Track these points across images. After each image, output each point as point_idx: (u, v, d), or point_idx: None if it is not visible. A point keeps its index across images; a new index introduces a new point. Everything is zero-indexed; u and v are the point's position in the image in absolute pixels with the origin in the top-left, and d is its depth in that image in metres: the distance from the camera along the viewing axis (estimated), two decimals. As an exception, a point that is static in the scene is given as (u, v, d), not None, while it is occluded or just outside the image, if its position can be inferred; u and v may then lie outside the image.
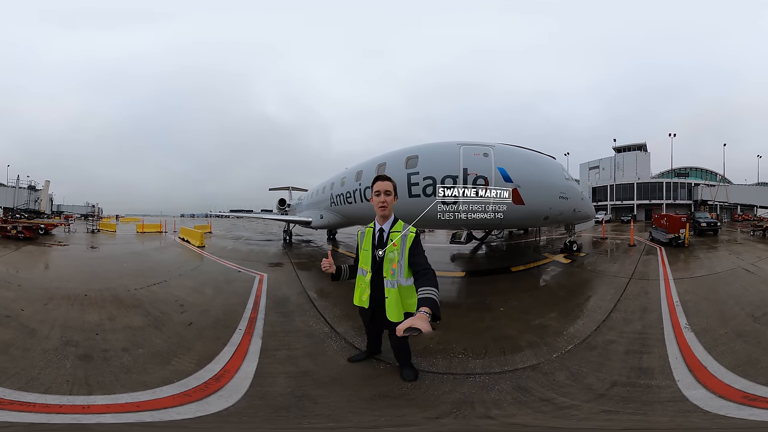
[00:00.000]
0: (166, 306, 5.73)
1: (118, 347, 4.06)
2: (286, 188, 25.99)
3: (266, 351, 4.07)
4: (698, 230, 19.94)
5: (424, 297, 2.72)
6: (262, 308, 5.70)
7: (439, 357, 3.90)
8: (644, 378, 3.43)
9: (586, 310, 5.70)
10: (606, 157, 63.20)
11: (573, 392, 3.20)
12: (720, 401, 2.98)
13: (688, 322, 4.86)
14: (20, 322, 4.75)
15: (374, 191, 3.30)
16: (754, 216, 37.61)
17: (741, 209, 47.52)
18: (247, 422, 2.79)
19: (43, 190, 33.66)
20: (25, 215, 27.09)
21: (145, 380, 3.32)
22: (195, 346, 4.16)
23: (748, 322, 4.91)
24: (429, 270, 3.04)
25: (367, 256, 3.34)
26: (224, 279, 8.24)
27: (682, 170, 60.44)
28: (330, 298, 6.40)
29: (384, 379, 3.45)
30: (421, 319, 2.42)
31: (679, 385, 3.26)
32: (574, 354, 4.02)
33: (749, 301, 5.88)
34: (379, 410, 2.94)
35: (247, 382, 3.34)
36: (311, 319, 5.25)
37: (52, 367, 3.52)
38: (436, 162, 8.56)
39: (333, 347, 4.22)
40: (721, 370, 3.51)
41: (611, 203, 56.96)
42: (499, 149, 8.60)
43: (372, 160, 10.83)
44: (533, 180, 8.71)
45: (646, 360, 3.82)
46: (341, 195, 12.10)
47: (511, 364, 3.78)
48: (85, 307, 5.55)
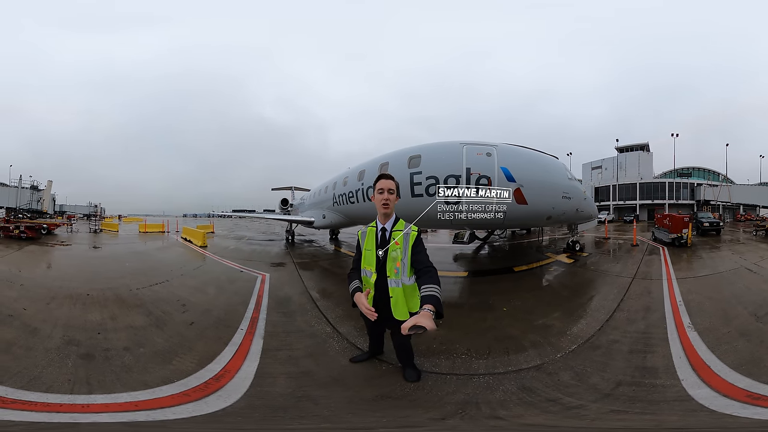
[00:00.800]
0: (168, 305, 5.72)
1: (119, 346, 4.05)
2: (288, 188, 26.00)
3: (267, 351, 4.06)
4: (701, 230, 19.87)
5: (427, 294, 2.71)
6: (264, 308, 5.69)
7: (442, 357, 3.88)
8: (649, 377, 3.41)
9: (590, 310, 5.67)
10: (609, 157, 63.04)
11: (579, 392, 3.18)
12: (724, 400, 2.97)
13: (692, 322, 4.84)
14: (23, 322, 4.75)
15: (377, 189, 3.29)
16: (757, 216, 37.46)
17: (744, 209, 47.35)
18: (243, 422, 2.77)
19: (46, 190, 33.75)
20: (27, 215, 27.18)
21: (145, 380, 3.31)
22: (196, 346, 4.15)
23: (751, 321, 4.89)
24: (431, 268, 3.03)
25: (372, 256, 3.32)
26: (226, 279, 8.23)
27: (684, 170, 60.25)
28: (332, 298, 6.40)
29: (386, 379, 3.43)
30: (426, 317, 2.41)
31: (684, 385, 3.24)
32: (578, 354, 3.99)
33: (752, 300, 5.85)
34: (381, 411, 2.92)
35: (248, 383, 3.33)
36: (313, 319, 5.24)
37: (54, 366, 3.52)
38: (439, 161, 8.54)
39: (335, 347, 4.21)
40: (725, 369, 3.49)
41: (614, 203, 56.80)
42: (502, 149, 8.57)
43: (374, 160, 10.82)
44: (536, 180, 8.68)
45: (650, 359, 3.80)
46: (344, 195, 12.09)
47: (515, 364, 3.75)
48: (87, 307, 5.55)
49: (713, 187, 47.88)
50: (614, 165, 61.10)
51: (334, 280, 8.40)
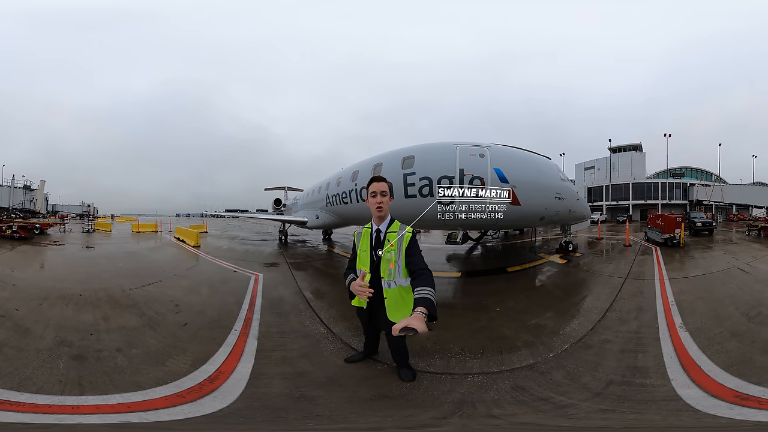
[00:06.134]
0: (161, 306, 5.70)
1: (112, 347, 4.03)
2: (281, 188, 25.94)
3: (262, 352, 4.05)
4: (693, 230, 20.02)
5: (421, 297, 2.72)
6: (258, 309, 5.68)
7: (436, 357, 3.90)
8: (639, 377, 3.44)
9: (582, 310, 5.72)
10: (601, 158, 63.33)
11: (570, 391, 3.21)
12: (712, 400, 3.00)
13: (683, 322, 4.89)
14: (14, 322, 4.71)
15: (370, 192, 3.30)
16: (750, 216, 37.82)
17: (736, 209, 47.78)
18: (242, 423, 2.77)
19: (39, 190, 33.44)
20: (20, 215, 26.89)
21: (138, 381, 3.30)
22: (190, 347, 4.13)
23: (743, 321, 4.94)
24: (426, 270, 3.04)
25: (366, 257, 3.34)
26: (220, 279, 8.20)
27: (677, 170, 60.66)
28: (326, 299, 6.40)
29: (382, 379, 3.44)
30: (417, 319, 2.42)
31: (674, 384, 3.27)
32: (570, 353, 4.03)
33: (744, 300, 5.92)
34: (383, 411, 2.93)
35: (243, 384, 3.32)
36: (307, 319, 5.24)
37: (46, 367, 3.50)
38: (433, 162, 8.55)
39: (329, 348, 4.21)
40: (715, 369, 3.53)
41: (607, 203, 57.12)
42: (495, 150, 8.60)
43: (368, 161, 10.82)
44: (529, 180, 8.72)
45: (641, 359, 3.84)
46: (337, 195, 12.08)
47: (508, 363, 3.78)
48: (80, 307, 5.51)
49: (706, 187, 48.31)
50: (607, 165, 61.42)
51: (328, 281, 8.41)
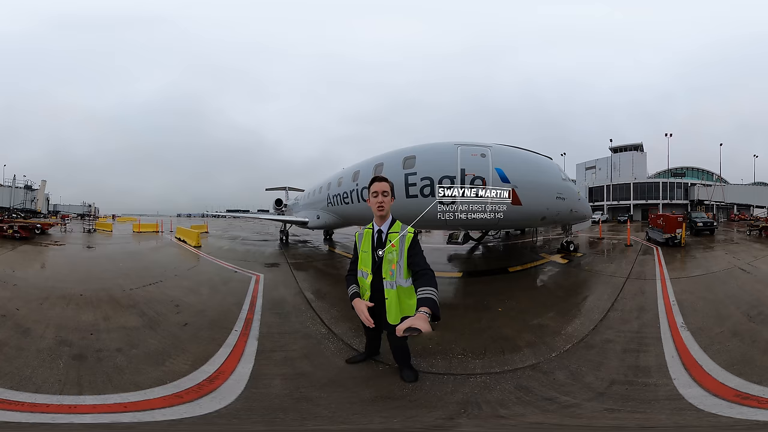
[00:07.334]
0: (161, 306, 5.69)
1: (112, 347, 4.02)
2: (282, 188, 25.91)
3: (262, 352, 4.03)
4: (695, 230, 20.00)
5: (424, 297, 2.71)
6: (259, 309, 5.66)
7: (438, 357, 3.88)
8: (642, 376, 3.43)
9: (584, 310, 5.70)
10: (602, 158, 63.30)
11: (574, 391, 3.20)
12: (713, 399, 2.99)
13: (685, 321, 4.88)
14: (15, 322, 4.71)
15: (371, 192, 3.28)
16: (751, 216, 37.76)
17: (737, 209, 47.71)
18: (239, 424, 2.75)
19: (40, 190, 33.46)
20: (21, 215, 26.92)
21: (137, 381, 3.28)
22: (190, 347, 4.12)
23: (744, 321, 4.93)
24: (428, 270, 3.03)
25: (368, 257, 3.32)
26: (220, 279, 8.19)
27: (678, 170, 60.63)
28: (327, 299, 6.38)
29: (384, 380, 3.42)
30: (421, 319, 2.41)
31: (675, 384, 3.27)
32: (572, 353, 4.01)
33: (745, 300, 5.91)
34: (386, 411, 2.91)
35: (243, 384, 3.30)
36: (308, 320, 5.22)
37: (45, 366, 3.49)
38: (434, 162, 8.55)
39: (330, 348, 4.20)
40: (716, 368, 3.52)
41: (608, 203, 57.10)
42: (497, 150, 8.60)
43: (369, 161, 10.81)
44: (530, 180, 8.71)
45: (643, 359, 3.83)
46: (338, 195, 12.06)
47: (510, 363, 3.77)
48: (80, 307, 5.51)
49: (707, 187, 48.26)
50: (608, 165, 61.38)
51: (329, 281, 8.39)
